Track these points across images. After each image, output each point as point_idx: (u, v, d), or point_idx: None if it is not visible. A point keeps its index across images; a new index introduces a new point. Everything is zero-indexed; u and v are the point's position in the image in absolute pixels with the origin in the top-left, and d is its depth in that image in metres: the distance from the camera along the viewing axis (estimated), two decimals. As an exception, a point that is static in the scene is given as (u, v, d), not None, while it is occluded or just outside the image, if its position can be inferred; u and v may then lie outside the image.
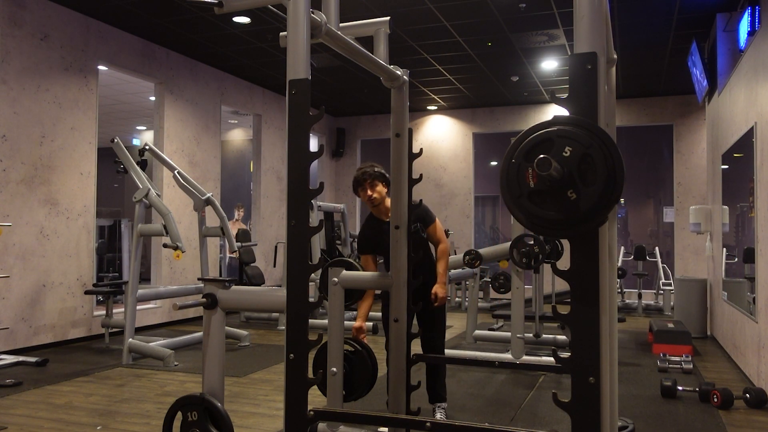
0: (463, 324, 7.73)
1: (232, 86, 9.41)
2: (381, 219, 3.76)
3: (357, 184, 3.70)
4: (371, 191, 3.66)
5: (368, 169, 3.67)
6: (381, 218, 3.76)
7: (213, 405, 2.76)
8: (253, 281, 8.29)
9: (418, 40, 7.64)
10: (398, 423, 2.41)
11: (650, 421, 4.06)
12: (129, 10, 6.75)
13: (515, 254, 4.81)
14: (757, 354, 4.99)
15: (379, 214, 3.77)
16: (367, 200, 3.69)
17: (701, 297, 7.59)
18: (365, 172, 3.66)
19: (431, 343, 3.89)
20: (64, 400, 4.48)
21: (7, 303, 5.99)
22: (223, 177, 9.43)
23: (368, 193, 3.66)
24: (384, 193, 3.70)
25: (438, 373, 3.93)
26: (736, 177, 6.50)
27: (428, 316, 3.84)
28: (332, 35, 2.30)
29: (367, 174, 3.65)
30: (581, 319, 1.59)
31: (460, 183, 11.61)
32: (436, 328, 3.91)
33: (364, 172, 3.67)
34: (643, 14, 6.76)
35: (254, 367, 5.57)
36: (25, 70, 6.21)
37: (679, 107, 10.38)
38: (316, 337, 2.19)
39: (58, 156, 6.56)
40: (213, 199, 6.63)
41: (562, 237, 1.62)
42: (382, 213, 3.75)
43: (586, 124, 1.58)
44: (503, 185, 1.64)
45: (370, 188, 3.66)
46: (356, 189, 3.72)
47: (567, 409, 1.60)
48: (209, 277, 3.19)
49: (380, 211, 3.75)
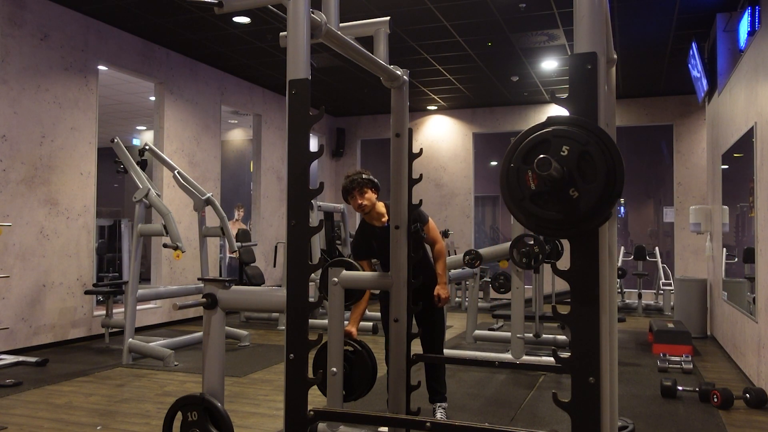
0: (463, 324, 7.73)
1: (232, 86, 9.41)
2: (373, 224, 3.76)
3: (346, 193, 3.70)
4: (361, 199, 3.66)
5: (356, 177, 3.67)
6: (373, 224, 3.77)
7: (213, 405, 2.76)
8: (253, 281, 8.29)
9: (418, 40, 7.64)
10: (398, 423, 2.41)
11: (650, 421, 4.06)
12: (129, 10, 6.75)
13: (515, 254, 4.81)
14: (757, 354, 4.99)
15: (371, 219, 3.77)
16: (357, 208, 3.69)
17: (701, 297, 7.59)
18: (353, 180, 3.66)
19: (431, 343, 3.89)
20: (64, 400, 4.48)
21: (7, 303, 5.99)
22: (223, 177, 9.43)
23: (358, 201, 3.66)
24: (374, 199, 3.71)
25: (438, 372, 3.93)
26: (736, 177, 6.50)
27: (427, 316, 3.84)
28: (332, 35, 2.30)
29: (356, 182, 3.65)
30: (581, 319, 1.59)
31: (460, 183, 11.61)
32: (435, 328, 3.91)
33: (353, 180, 3.66)
34: (643, 14, 6.76)
35: (254, 367, 5.57)
36: (25, 70, 6.21)
37: (679, 107, 10.38)
38: (316, 337, 2.19)
39: (58, 156, 6.56)
40: (213, 199, 6.63)
41: (566, 236, 1.62)
42: (373, 219, 3.76)
43: (581, 123, 1.58)
44: (504, 189, 1.63)
45: (359, 196, 3.66)
46: (346, 197, 3.73)
47: (567, 409, 1.60)
48: (209, 277, 3.19)
49: (372, 216, 3.76)
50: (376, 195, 3.72)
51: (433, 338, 3.90)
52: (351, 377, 3.15)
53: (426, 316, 3.83)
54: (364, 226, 3.82)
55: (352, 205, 3.71)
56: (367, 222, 3.81)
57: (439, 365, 3.95)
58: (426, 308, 3.74)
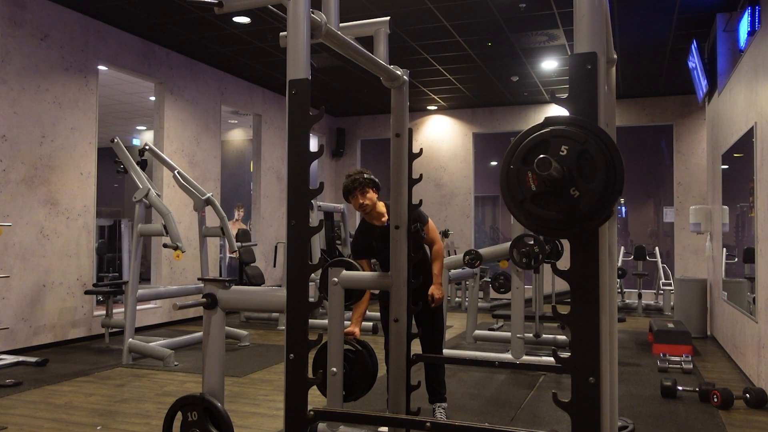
0: (463, 324, 7.73)
1: (232, 86, 9.41)
2: (374, 224, 3.76)
3: (347, 192, 3.70)
4: (362, 198, 3.66)
5: (357, 177, 3.66)
6: (374, 223, 3.76)
7: (213, 405, 2.76)
8: (253, 281, 8.29)
9: (418, 40, 7.64)
10: (398, 423, 2.41)
11: (650, 421, 4.06)
12: (129, 10, 6.75)
13: (515, 254, 4.81)
14: (757, 354, 4.99)
15: (372, 219, 3.77)
16: (358, 207, 3.68)
17: (701, 297, 7.59)
18: (355, 180, 3.65)
19: (431, 343, 3.89)
20: (64, 400, 4.48)
21: (7, 303, 5.99)
22: (223, 177, 9.43)
23: (359, 201, 3.66)
24: (375, 198, 3.71)
25: (437, 372, 3.93)
26: (736, 177, 6.50)
27: (427, 316, 3.84)
28: (332, 35, 2.30)
29: (357, 182, 3.64)
30: (581, 319, 1.59)
31: (460, 183, 11.61)
32: (435, 328, 3.91)
33: (354, 180, 3.66)
34: (643, 14, 6.76)
35: (254, 367, 5.57)
36: (25, 70, 6.21)
37: (679, 107, 10.38)
38: (316, 337, 2.19)
39: (58, 156, 6.56)
40: (213, 199, 6.63)
41: (567, 236, 1.61)
42: (374, 218, 3.76)
43: (579, 122, 1.58)
44: (504, 191, 1.63)
45: (360, 195, 3.65)
46: (347, 197, 3.72)
47: (567, 409, 1.60)
48: (209, 277, 3.19)
49: (372, 216, 3.75)
50: (377, 195, 3.72)
51: (432, 338, 3.90)
52: (351, 377, 3.15)
53: (425, 316, 3.83)
54: (365, 226, 3.82)
55: (353, 204, 3.71)
56: (367, 221, 3.81)
57: (438, 365, 3.95)
58: (425, 308, 3.74)
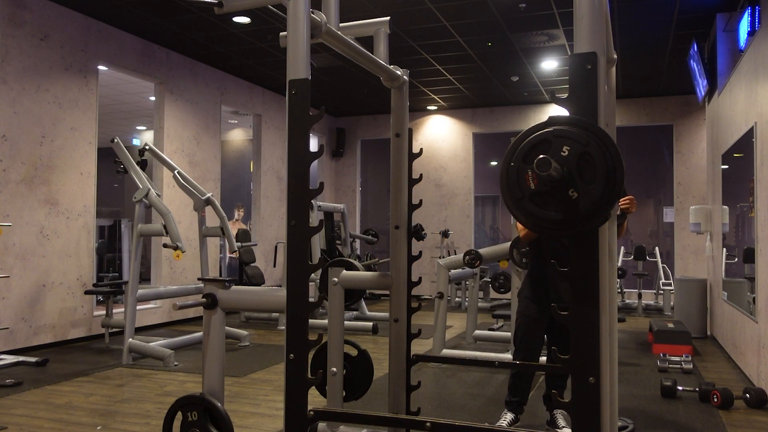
0: (463, 324, 7.73)
1: (232, 86, 9.41)
2: None
3: None
4: None
5: None
6: None
7: (213, 405, 2.76)
8: (253, 281, 8.29)
9: (418, 40, 7.64)
10: (398, 423, 2.41)
11: (650, 421, 4.06)
12: (129, 10, 6.75)
13: (515, 254, 4.81)
14: (757, 354, 4.99)
15: None
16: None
17: (701, 297, 7.59)
18: None
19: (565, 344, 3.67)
20: (64, 400, 4.48)
21: (7, 303, 5.99)
22: (223, 177, 9.43)
23: None
24: None
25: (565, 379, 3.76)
26: (736, 177, 6.50)
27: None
28: (332, 35, 2.30)
29: None
30: (581, 319, 1.59)
31: (460, 183, 11.61)
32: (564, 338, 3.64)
33: None
34: (643, 14, 6.76)
35: (254, 367, 5.57)
36: (25, 70, 6.21)
37: (679, 107, 10.38)
38: (316, 337, 2.19)
39: (58, 156, 6.56)
40: (213, 199, 6.63)
41: (565, 236, 1.62)
42: None
43: (582, 123, 1.58)
44: (504, 189, 1.63)
45: None
46: None
47: (567, 409, 1.60)
48: (209, 277, 3.19)
49: None
50: None
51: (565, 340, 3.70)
52: (350, 377, 3.15)
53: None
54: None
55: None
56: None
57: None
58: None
